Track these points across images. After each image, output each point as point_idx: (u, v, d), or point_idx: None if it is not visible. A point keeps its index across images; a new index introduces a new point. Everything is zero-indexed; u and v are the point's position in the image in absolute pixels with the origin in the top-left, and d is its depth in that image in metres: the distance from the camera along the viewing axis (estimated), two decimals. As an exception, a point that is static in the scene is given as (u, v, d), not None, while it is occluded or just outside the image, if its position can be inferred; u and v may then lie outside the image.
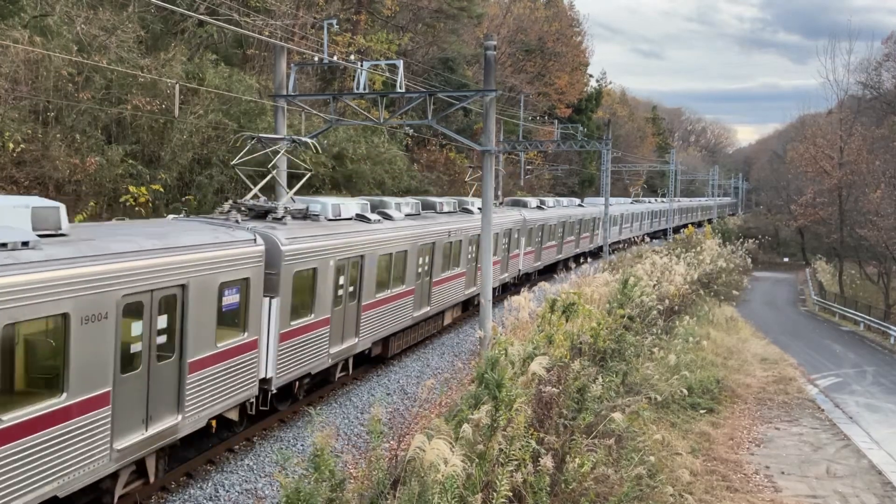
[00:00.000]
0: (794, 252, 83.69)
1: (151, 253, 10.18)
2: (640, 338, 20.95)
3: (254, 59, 31.77)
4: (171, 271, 10.43)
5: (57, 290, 8.59)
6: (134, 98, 21.75)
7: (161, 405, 10.49)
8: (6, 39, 18.55)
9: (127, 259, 9.69)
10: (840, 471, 17.13)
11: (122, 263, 9.57)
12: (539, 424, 11.58)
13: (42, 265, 8.50)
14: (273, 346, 13.13)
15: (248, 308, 12.36)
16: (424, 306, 20.92)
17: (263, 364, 13.03)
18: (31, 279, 8.30)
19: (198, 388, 11.25)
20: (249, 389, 12.64)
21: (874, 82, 62.10)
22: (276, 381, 13.37)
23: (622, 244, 53.57)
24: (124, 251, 9.76)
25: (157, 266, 10.13)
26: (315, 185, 29.44)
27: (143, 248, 10.09)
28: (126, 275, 9.58)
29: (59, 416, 8.73)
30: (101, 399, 9.32)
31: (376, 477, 8.80)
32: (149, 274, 9.99)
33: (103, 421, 9.39)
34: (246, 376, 12.49)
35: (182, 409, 10.92)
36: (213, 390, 11.62)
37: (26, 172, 19.44)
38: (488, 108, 19.66)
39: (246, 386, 12.52)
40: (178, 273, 10.58)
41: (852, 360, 33.43)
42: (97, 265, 9.23)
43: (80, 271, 8.94)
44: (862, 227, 50.77)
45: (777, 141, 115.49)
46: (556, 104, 62.69)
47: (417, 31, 44.37)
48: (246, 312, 12.35)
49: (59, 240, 9.30)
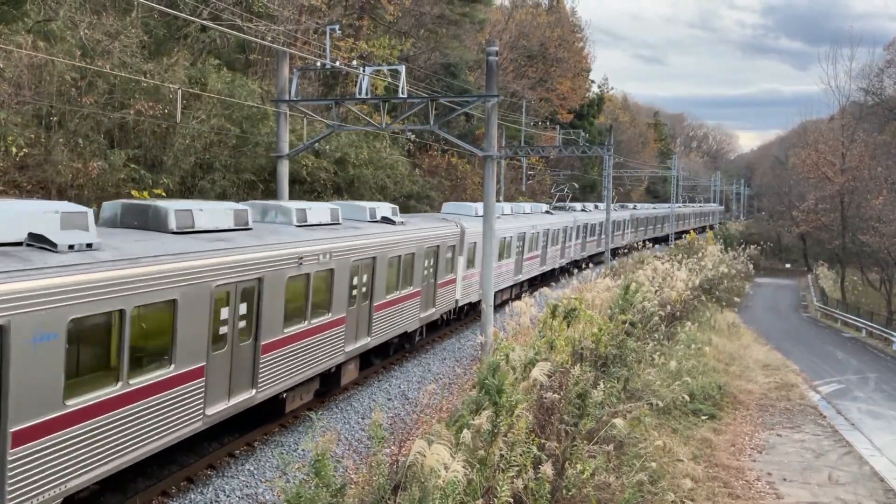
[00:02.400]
0: (797, 258, 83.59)
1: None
2: (641, 343, 20.92)
3: (256, 64, 31.84)
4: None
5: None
6: (137, 103, 21.79)
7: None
8: (10, 44, 18.60)
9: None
10: (842, 478, 17.07)
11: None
12: (540, 430, 11.56)
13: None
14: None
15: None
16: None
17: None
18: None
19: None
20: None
21: (876, 88, 62.18)
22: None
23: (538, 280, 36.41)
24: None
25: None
26: (317, 190, 29.48)
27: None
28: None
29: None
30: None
31: (377, 482, 8.79)
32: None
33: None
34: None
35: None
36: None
37: (29, 177, 19.47)
38: (490, 113, 19.69)
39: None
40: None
41: (854, 367, 33.36)
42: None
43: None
44: (864, 233, 50.72)
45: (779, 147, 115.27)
46: (558, 109, 62.77)
47: (420, 36, 44.44)
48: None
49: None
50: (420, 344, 22.05)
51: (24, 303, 8.17)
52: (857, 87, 63.20)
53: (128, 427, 9.81)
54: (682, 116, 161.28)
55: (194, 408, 11.19)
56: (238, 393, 12.35)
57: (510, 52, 56.09)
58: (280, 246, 13.29)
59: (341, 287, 15.55)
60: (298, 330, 14.03)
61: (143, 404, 10.09)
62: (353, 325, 16.48)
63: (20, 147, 18.78)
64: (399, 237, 18.67)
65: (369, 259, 16.90)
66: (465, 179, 46.39)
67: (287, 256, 13.38)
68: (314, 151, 28.71)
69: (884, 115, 62.04)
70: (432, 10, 43.35)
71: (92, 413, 9.22)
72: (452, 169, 45.92)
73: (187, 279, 10.78)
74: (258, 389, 12.85)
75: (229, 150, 25.89)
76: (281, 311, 13.29)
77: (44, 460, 8.58)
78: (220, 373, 11.80)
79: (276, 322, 13.19)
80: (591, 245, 46.78)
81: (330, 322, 15.26)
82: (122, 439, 9.73)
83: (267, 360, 13.04)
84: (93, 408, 9.24)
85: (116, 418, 9.61)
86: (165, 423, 10.56)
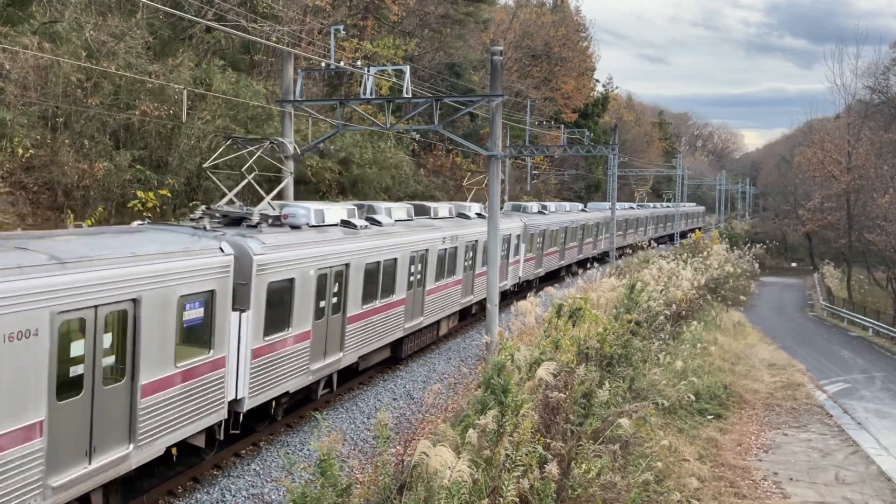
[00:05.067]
0: (802, 257, 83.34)
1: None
2: (647, 343, 20.87)
3: (261, 64, 31.89)
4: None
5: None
6: (142, 104, 21.84)
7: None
8: (16, 46, 18.66)
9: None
10: (849, 477, 17.02)
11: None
12: (546, 430, 11.55)
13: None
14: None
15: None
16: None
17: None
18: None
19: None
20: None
21: (882, 87, 61.95)
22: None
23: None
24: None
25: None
26: (322, 189, 29.50)
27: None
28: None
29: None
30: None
31: (382, 482, 8.80)
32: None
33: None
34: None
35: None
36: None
37: (35, 177, 19.55)
38: (494, 113, 19.68)
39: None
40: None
41: (861, 366, 33.24)
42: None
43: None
44: (870, 231, 50.56)
45: (784, 146, 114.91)
46: (563, 109, 62.70)
47: (424, 36, 44.45)
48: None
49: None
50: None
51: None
52: (863, 86, 63.02)
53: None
54: (687, 116, 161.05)
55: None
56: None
57: (514, 52, 56.05)
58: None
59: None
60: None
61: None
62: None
63: (26, 148, 18.85)
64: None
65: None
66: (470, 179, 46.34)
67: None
68: (319, 152, 28.75)
69: (890, 113, 61.79)
70: (436, 10, 43.34)
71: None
72: (457, 169, 45.92)
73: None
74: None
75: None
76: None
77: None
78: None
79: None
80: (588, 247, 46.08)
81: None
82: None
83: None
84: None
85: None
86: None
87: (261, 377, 12.85)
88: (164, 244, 10.98)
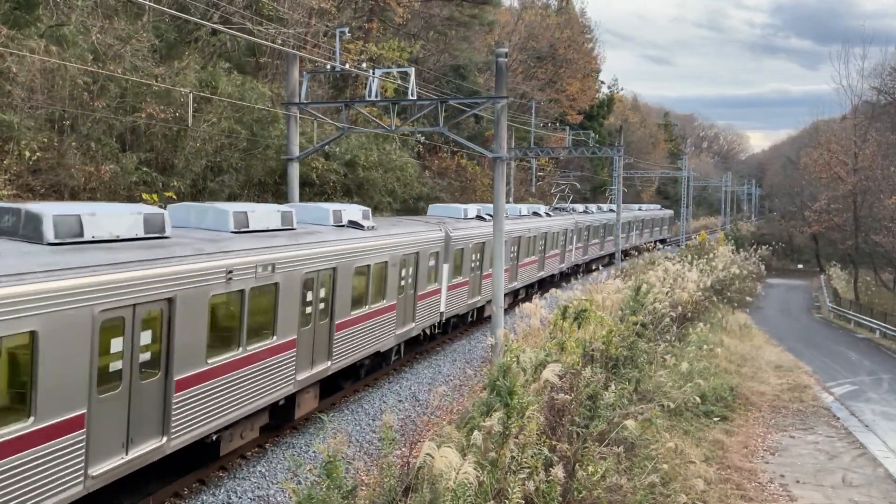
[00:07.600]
0: (808, 258, 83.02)
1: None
2: (652, 345, 20.82)
3: (266, 67, 31.96)
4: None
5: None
6: (148, 106, 21.92)
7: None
8: (23, 49, 18.76)
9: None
10: (856, 480, 16.94)
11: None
12: (551, 432, 11.53)
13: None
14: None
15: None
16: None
17: None
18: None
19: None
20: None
21: (888, 88, 61.61)
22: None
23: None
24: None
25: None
26: (327, 192, 29.55)
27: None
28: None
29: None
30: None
31: (388, 484, 8.79)
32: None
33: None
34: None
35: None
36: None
37: (42, 180, 19.63)
38: (499, 114, 19.68)
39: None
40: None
41: (868, 368, 33.10)
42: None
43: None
44: (877, 233, 50.37)
45: (790, 147, 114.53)
46: (568, 111, 62.67)
47: (429, 38, 44.49)
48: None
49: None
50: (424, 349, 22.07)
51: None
52: (869, 87, 62.79)
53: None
54: (693, 117, 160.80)
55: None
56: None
57: (519, 54, 56.06)
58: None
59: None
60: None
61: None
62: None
63: (33, 151, 18.93)
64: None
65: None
66: (474, 181, 46.39)
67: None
68: (324, 154, 28.79)
69: (896, 114, 61.53)
70: (441, 12, 43.38)
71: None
72: (462, 170, 45.94)
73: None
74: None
75: (240, 152, 25.99)
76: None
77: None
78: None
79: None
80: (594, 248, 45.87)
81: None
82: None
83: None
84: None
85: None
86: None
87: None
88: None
